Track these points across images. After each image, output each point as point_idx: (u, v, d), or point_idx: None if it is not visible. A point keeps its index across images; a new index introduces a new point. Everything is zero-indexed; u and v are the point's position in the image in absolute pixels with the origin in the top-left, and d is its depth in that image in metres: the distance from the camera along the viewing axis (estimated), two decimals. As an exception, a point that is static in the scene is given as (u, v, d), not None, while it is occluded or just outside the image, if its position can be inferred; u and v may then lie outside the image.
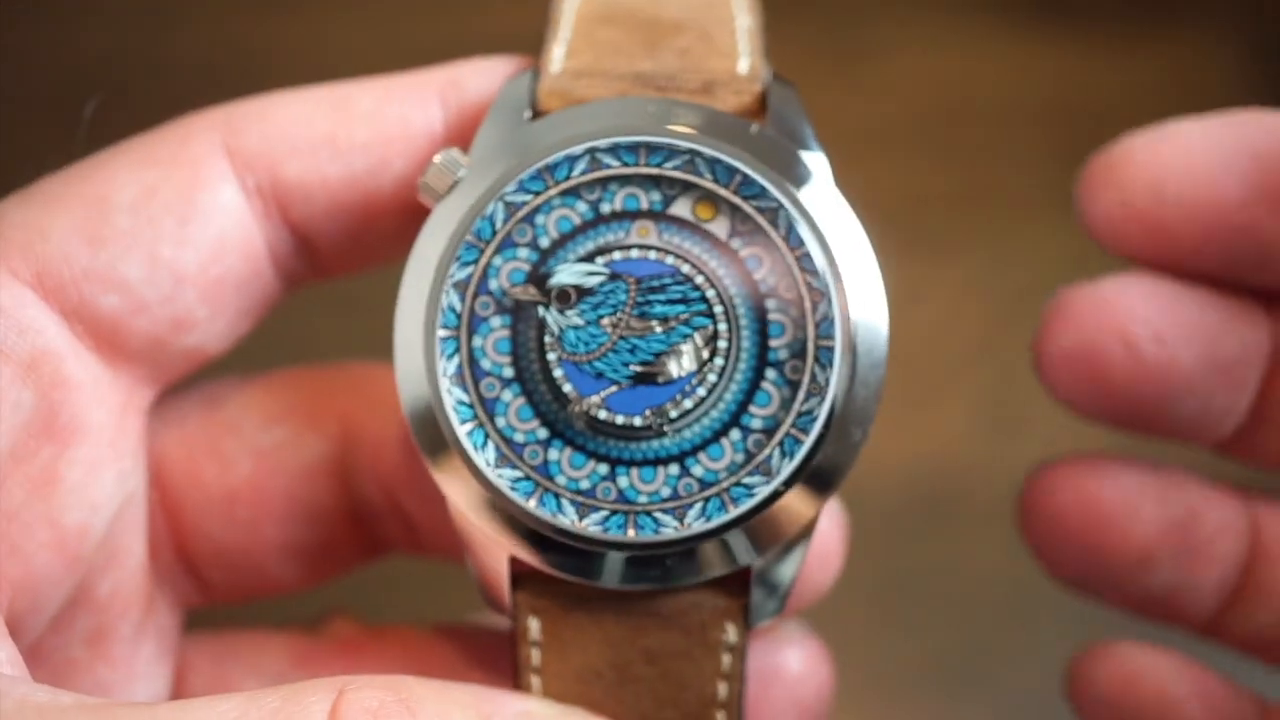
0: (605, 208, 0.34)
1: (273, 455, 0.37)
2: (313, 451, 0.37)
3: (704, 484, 0.33)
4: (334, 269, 0.37)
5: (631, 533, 0.33)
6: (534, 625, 0.34)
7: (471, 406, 0.33)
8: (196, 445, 0.37)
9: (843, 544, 0.37)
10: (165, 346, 0.34)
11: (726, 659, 0.34)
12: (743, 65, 0.35)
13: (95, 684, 0.35)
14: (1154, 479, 0.40)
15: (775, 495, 0.33)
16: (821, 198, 0.33)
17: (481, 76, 0.35)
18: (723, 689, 0.34)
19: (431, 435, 0.33)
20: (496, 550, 0.33)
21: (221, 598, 0.38)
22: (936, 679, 0.63)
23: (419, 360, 0.33)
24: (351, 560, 0.39)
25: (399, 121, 0.34)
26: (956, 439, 0.68)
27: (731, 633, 0.34)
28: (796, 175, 0.33)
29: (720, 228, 0.33)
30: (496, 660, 0.37)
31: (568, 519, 0.33)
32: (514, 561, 0.34)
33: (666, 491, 0.33)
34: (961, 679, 0.62)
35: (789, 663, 0.37)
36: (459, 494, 0.33)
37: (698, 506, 0.33)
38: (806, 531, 0.34)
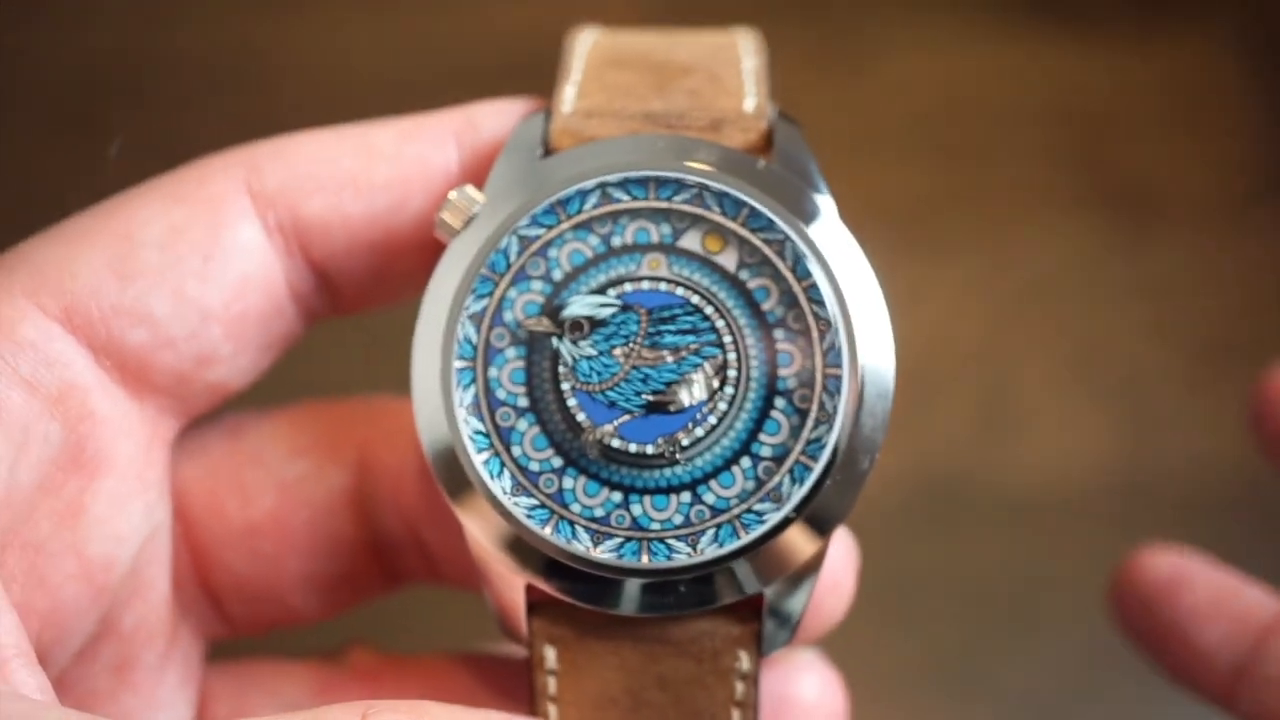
0: (616, 241, 0.34)
1: (295, 488, 0.37)
2: (334, 484, 0.37)
3: (716, 511, 0.34)
4: (354, 305, 0.37)
5: (645, 559, 0.34)
6: (550, 654, 0.34)
7: (488, 436, 0.34)
8: (219, 478, 0.37)
9: (854, 572, 0.38)
10: (190, 381, 0.35)
11: (740, 686, 0.34)
12: (749, 104, 0.35)
13: (120, 713, 0.36)
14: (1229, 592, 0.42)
15: (785, 522, 0.33)
16: (827, 230, 0.34)
17: (496, 117, 0.36)
18: (736, 716, 0.35)
19: (448, 465, 0.34)
20: (513, 579, 0.34)
21: (243, 630, 0.39)
22: (936, 679, 0.63)
23: (436, 391, 0.34)
24: (371, 591, 0.39)
25: (417, 161, 0.35)
26: (957, 439, 0.69)
27: (745, 660, 0.34)
28: (802, 209, 0.34)
29: (729, 260, 0.34)
30: (514, 689, 0.37)
31: (582, 546, 0.34)
32: (530, 590, 0.34)
33: (679, 519, 0.34)
34: (961, 679, 0.63)
35: (803, 690, 0.37)
36: (475, 523, 0.34)
37: (710, 533, 0.34)
38: (818, 558, 0.34)
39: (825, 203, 0.34)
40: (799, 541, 0.34)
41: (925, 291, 0.72)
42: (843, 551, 0.37)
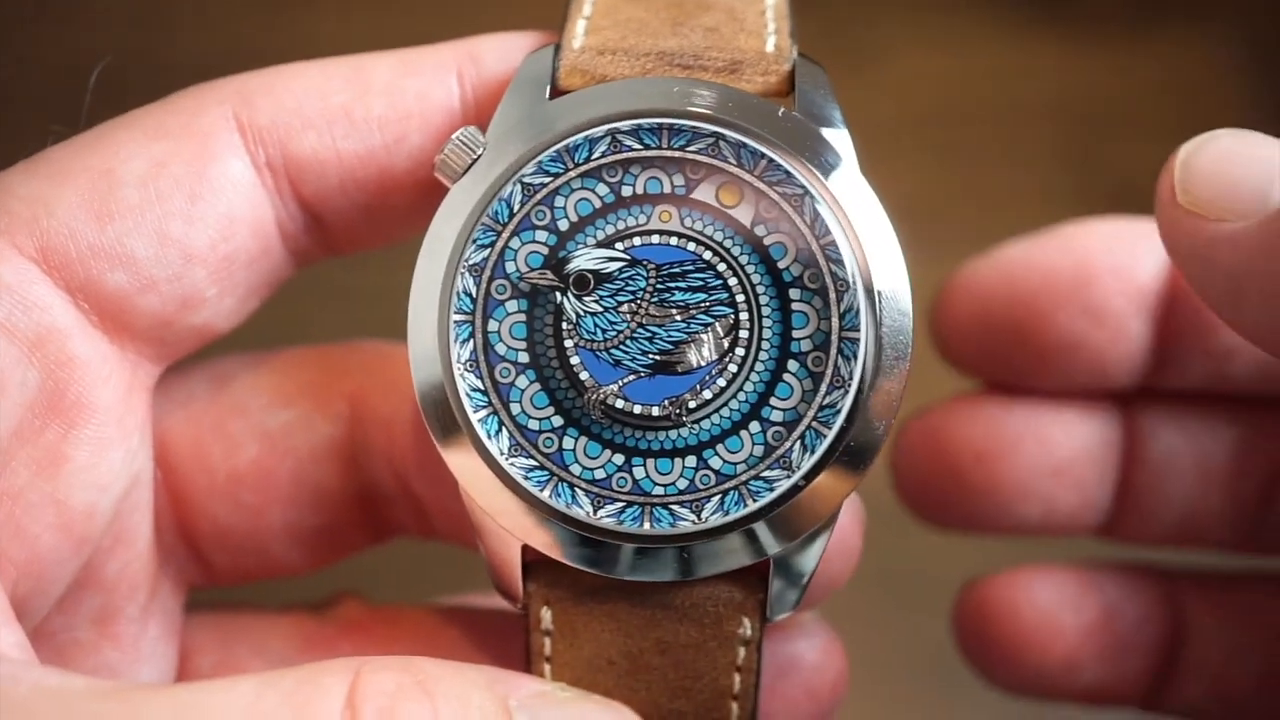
0: (626, 190, 0.33)
1: (281, 438, 0.36)
2: (322, 434, 0.36)
3: (722, 477, 0.32)
4: (346, 246, 0.36)
5: (647, 526, 0.32)
6: (546, 614, 0.33)
7: (485, 393, 0.32)
8: (203, 426, 0.36)
9: (861, 536, 0.36)
10: (172, 324, 0.33)
11: (742, 651, 0.33)
12: (770, 44, 0.34)
13: (102, 665, 0.34)
14: (1072, 587, 0.42)
15: (795, 489, 0.32)
16: (848, 184, 0.32)
17: (499, 52, 0.34)
18: (737, 681, 0.33)
19: (444, 422, 0.32)
20: (509, 538, 0.33)
21: (223, 580, 0.37)
22: (934, 677, 0.62)
23: (432, 345, 0.32)
24: (358, 544, 0.38)
25: (416, 96, 0.34)
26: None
27: (748, 626, 0.33)
28: (823, 161, 0.32)
29: (744, 213, 0.33)
30: (502, 642, 0.36)
31: (582, 510, 0.32)
32: (526, 549, 0.33)
33: (683, 484, 0.32)
34: (959, 677, 0.62)
35: (805, 654, 0.36)
36: (471, 483, 0.32)
37: (715, 500, 0.32)
38: (827, 525, 0.33)
39: (844, 149, 0.33)
40: (808, 509, 0.32)
41: (926, 290, 0.71)
42: (851, 513, 0.35)
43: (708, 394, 0.32)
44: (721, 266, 0.33)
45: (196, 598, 0.38)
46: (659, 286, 0.33)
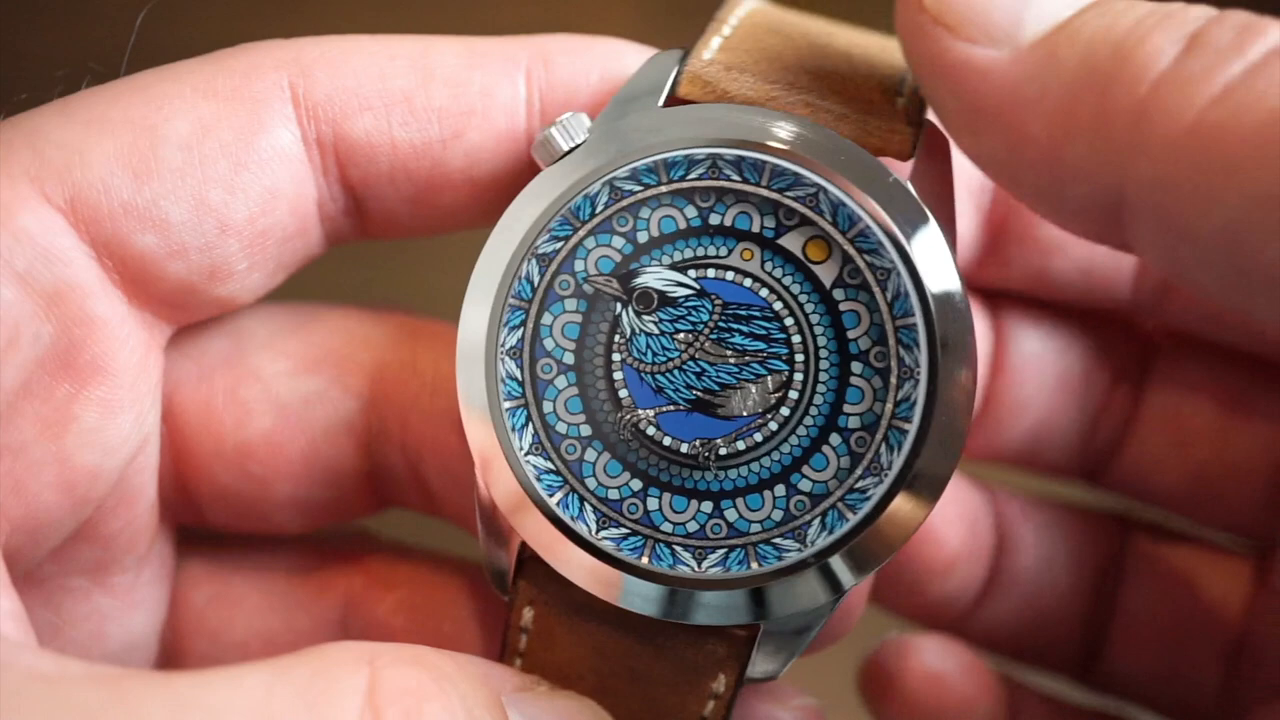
0: (714, 219, 0.31)
1: (295, 412, 0.34)
2: (337, 411, 0.34)
3: (734, 531, 0.31)
4: (383, 233, 0.34)
5: (645, 560, 0.31)
6: (528, 613, 0.32)
7: (521, 384, 0.31)
8: (215, 389, 0.34)
9: (864, 601, 0.35)
10: (197, 293, 0.32)
11: (711, 704, 0.32)
12: (900, 103, 0.32)
13: (93, 610, 0.34)
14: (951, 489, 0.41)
15: (802, 564, 0.31)
16: (939, 270, 0.31)
17: (570, 55, 0.32)
18: None
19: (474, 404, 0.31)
20: (508, 530, 0.32)
21: (218, 527, 0.36)
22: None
23: (482, 323, 0.31)
24: (359, 513, 0.37)
25: (481, 91, 0.32)
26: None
27: (722, 681, 0.32)
28: (921, 240, 0.31)
29: (827, 273, 0.31)
30: (494, 602, 0.35)
31: (585, 527, 0.31)
32: (524, 546, 0.32)
33: (694, 526, 0.31)
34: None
35: None
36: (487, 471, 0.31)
37: (720, 553, 0.31)
38: (830, 606, 0.32)
39: (948, 237, 0.31)
40: (812, 587, 0.31)
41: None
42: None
43: (741, 445, 0.31)
44: (789, 321, 0.31)
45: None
46: (721, 324, 0.31)
